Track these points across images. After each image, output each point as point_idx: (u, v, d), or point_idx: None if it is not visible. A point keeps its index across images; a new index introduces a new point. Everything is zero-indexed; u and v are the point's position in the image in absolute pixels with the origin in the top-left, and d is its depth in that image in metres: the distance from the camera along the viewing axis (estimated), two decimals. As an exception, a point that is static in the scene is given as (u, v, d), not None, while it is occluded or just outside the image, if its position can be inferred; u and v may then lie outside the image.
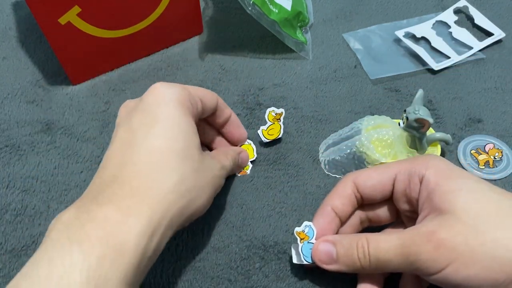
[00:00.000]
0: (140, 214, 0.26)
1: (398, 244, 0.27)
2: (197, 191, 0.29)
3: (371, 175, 0.31)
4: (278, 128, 0.40)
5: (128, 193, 0.27)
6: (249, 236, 0.36)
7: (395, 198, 0.31)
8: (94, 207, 0.26)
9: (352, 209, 0.32)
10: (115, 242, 0.25)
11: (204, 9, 0.53)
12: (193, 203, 0.29)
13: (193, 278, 0.34)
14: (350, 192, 0.32)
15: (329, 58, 0.48)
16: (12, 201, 0.38)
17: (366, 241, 0.28)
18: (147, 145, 0.28)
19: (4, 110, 0.45)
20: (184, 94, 0.31)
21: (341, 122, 0.43)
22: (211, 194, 0.31)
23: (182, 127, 0.29)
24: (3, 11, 0.54)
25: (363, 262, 0.28)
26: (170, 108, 0.29)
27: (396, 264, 0.27)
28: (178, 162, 0.29)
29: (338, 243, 0.30)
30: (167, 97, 0.30)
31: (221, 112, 0.36)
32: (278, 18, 0.44)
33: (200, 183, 0.30)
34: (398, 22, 0.51)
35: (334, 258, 0.30)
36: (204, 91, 0.34)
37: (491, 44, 0.49)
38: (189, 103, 0.31)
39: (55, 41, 0.42)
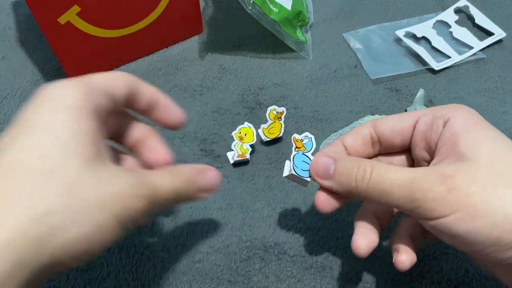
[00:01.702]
0: None
1: (408, 178, 0.25)
2: (68, 216, 0.21)
3: (392, 119, 0.29)
4: (279, 127, 0.40)
5: None
6: (249, 236, 0.36)
7: (413, 143, 0.29)
8: None
9: (364, 150, 0.30)
10: None
11: (204, 9, 0.53)
12: (60, 231, 0.21)
13: (192, 279, 0.34)
14: (366, 131, 0.30)
15: (329, 58, 0.48)
16: (11, 201, 0.38)
17: (371, 166, 0.26)
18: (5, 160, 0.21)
19: (4, 110, 0.44)
20: (78, 91, 0.23)
21: (341, 122, 0.43)
22: (107, 221, 0.22)
23: (61, 134, 0.22)
24: (3, 11, 0.54)
25: (359, 184, 0.26)
26: (49, 111, 0.22)
27: (396, 197, 0.25)
28: (40, 177, 0.21)
29: (340, 161, 0.28)
30: (51, 98, 0.23)
31: (141, 94, 0.27)
32: (278, 17, 0.44)
33: (80, 204, 0.21)
34: (398, 22, 0.51)
35: (330, 173, 0.28)
36: (110, 78, 0.26)
37: (492, 44, 0.48)
38: (85, 102, 0.23)
39: (55, 41, 0.42)
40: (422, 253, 0.34)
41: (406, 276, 0.33)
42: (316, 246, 0.35)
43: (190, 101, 0.44)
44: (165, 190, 0.25)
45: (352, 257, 0.35)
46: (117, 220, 0.22)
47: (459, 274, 0.34)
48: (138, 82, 0.27)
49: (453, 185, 0.24)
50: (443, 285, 0.33)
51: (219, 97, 0.45)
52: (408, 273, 0.34)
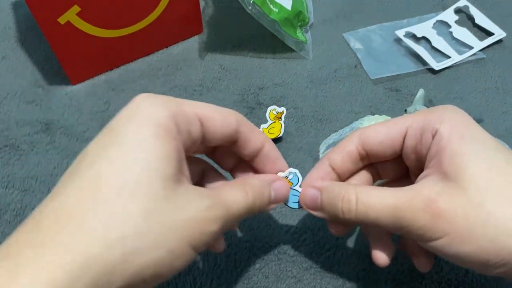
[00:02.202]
0: (35, 270, 0.18)
1: (392, 205, 0.25)
2: (143, 241, 0.20)
3: (379, 130, 0.28)
4: (279, 127, 0.40)
5: (31, 241, 0.19)
6: (249, 236, 0.36)
7: (405, 154, 0.28)
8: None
9: (353, 167, 0.29)
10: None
11: (204, 9, 0.53)
12: (132, 258, 0.20)
13: (192, 279, 0.34)
14: (353, 148, 0.29)
15: (329, 58, 0.48)
16: (11, 201, 0.38)
17: (355, 195, 0.26)
18: (88, 175, 0.21)
19: (4, 110, 0.44)
20: (167, 111, 0.23)
21: (341, 122, 0.43)
22: (181, 246, 0.22)
23: (146, 152, 0.21)
24: (3, 11, 0.54)
25: (347, 215, 0.26)
26: (138, 126, 0.22)
27: (385, 223, 0.25)
28: (119, 198, 0.20)
29: (324, 190, 0.27)
30: (140, 113, 0.23)
31: (246, 141, 0.27)
32: (278, 17, 0.44)
33: (153, 230, 0.21)
34: (398, 22, 0.51)
35: (318, 205, 0.28)
36: (213, 110, 0.25)
37: (492, 44, 0.48)
38: (171, 123, 0.23)
39: (55, 41, 0.42)
40: (422, 253, 0.34)
41: (406, 276, 0.33)
42: (316, 246, 0.35)
43: (190, 101, 0.44)
44: (238, 208, 0.25)
45: (352, 257, 0.35)
46: (190, 245, 0.22)
47: (459, 274, 0.33)
48: (249, 126, 0.27)
49: (437, 211, 0.24)
50: (443, 285, 0.33)
51: (219, 97, 0.45)
52: (408, 273, 0.34)
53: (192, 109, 0.24)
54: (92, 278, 0.19)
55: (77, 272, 0.19)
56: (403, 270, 0.34)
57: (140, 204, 0.21)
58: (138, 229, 0.20)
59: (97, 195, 0.20)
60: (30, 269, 0.18)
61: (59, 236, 0.19)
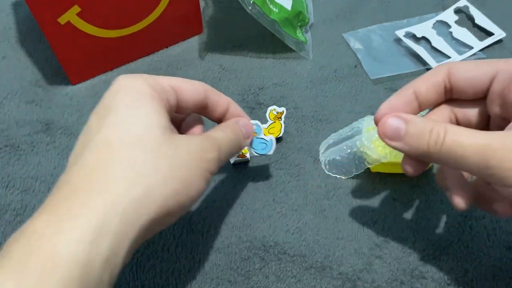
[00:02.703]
0: (75, 215, 0.22)
1: (483, 144, 0.24)
2: (158, 176, 0.24)
3: (468, 68, 0.28)
4: (279, 127, 0.40)
5: (64, 196, 0.23)
6: (249, 236, 0.36)
7: (489, 99, 0.27)
8: (27, 223, 0.22)
9: (436, 98, 0.29)
10: (41, 257, 0.21)
11: (204, 9, 0.53)
12: (156, 190, 0.24)
13: (192, 279, 0.34)
14: (440, 79, 0.28)
15: (329, 58, 0.48)
16: (11, 201, 0.38)
17: (444, 130, 0.25)
18: (98, 139, 0.25)
19: (4, 110, 0.44)
20: (146, 83, 0.27)
21: (341, 122, 0.43)
22: (191, 175, 0.26)
23: (139, 111, 0.26)
24: (3, 11, 0.54)
25: (432, 148, 0.25)
26: (126, 95, 0.26)
27: (470, 162, 0.24)
28: (127, 148, 0.24)
29: (411, 122, 0.27)
30: (125, 87, 0.27)
31: (214, 105, 0.31)
32: (278, 17, 0.44)
33: (164, 165, 0.25)
34: (398, 22, 0.51)
35: (401, 135, 0.27)
36: (183, 81, 0.29)
37: (492, 44, 0.48)
38: (152, 90, 0.27)
39: (55, 41, 0.42)
40: (422, 253, 0.35)
41: (406, 276, 0.33)
42: (316, 246, 0.35)
43: (190, 101, 0.44)
44: (224, 142, 0.29)
45: (352, 257, 0.35)
46: (198, 173, 0.26)
47: (459, 274, 0.34)
48: (214, 91, 0.31)
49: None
50: (443, 285, 0.33)
51: (219, 97, 0.45)
52: (408, 273, 0.34)
53: (166, 81, 0.28)
54: (123, 214, 0.22)
55: (109, 210, 0.22)
56: (403, 269, 0.34)
57: (148, 148, 0.25)
58: (153, 166, 0.24)
59: (112, 149, 0.24)
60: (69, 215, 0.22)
61: (86, 187, 0.23)
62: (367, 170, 0.38)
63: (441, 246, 0.35)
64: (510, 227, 0.36)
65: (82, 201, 0.22)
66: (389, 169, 0.38)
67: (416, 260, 0.34)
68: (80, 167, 0.24)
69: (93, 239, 0.21)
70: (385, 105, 0.29)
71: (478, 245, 0.35)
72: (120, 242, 0.22)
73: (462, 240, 0.35)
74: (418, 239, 0.35)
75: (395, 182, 0.38)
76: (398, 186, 0.38)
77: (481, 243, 0.35)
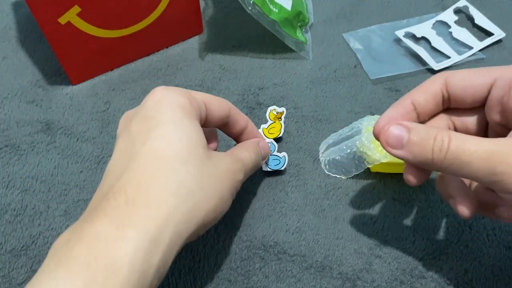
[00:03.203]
0: (135, 225, 0.24)
1: (489, 150, 0.24)
2: (204, 192, 0.27)
3: (466, 76, 0.28)
4: (279, 127, 0.40)
5: (122, 203, 0.24)
6: (249, 236, 0.36)
7: (488, 106, 0.27)
8: (87, 224, 0.24)
9: (434, 109, 0.29)
10: (105, 261, 0.22)
11: (204, 9, 0.53)
12: (201, 206, 0.27)
13: (192, 279, 0.34)
14: (437, 89, 0.28)
15: (329, 58, 0.48)
16: (12, 201, 0.38)
17: (448, 136, 0.25)
18: (146, 150, 0.26)
19: (4, 110, 0.44)
20: (185, 97, 0.29)
21: (341, 122, 0.43)
22: (225, 193, 0.29)
23: (184, 128, 0.28)
24: (3, 11, 0.54)
25: (436, 155, 0.25)
26: (170, 110, 0.28)
27: (475, 169, 0.24)
28: (178, 163, 0.26)
29: (414, 130, 0.26)
30: (167, 100, 0.28)
31: (235, 122, 0.34)
32: (278, 17, 0.44)
33: (207, 183, 0.27)
34: (398, 22, 0.51)
35: (404, 143, 0.26)
36: (212, 98, 0.32)
37: (491, 44, 0.48)
38: (191, 106, 0.29)
39: (55, 41, 0.42)
40: (422, 252, 0.35)
41: (406, 276, 0.34)
42: (316, 246, 0.35)
43: (190, 101, 0.44)
44: (248, 162, 0.32)
45: (352, 256, 0.35)
46: (230, 192, 0.29)
47: (459, 274, 0.34)
48: (236, 110, 0.34)
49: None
50: (443, 285, 0.33)
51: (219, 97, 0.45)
52: (408, 273, 0.34)
53: (200, 97, 0.30)
54: (174, 227, 0.25)
55: (164, 224, 0.24)
56: (403, 269, 0.34)
57: (195, 165, 0.27)
58: (199, 184, 0.27)
59: (163, 163, 0.26)
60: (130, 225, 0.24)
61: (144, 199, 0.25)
62: (367, 170, 0.38)
63: (441, 246, 0.35)
64: (510, 227, 0.36)
65: (141, 212, 0.24)
66: (389, 169, 0.38)
67: (416, 260, 0.34)
68: (134, 176, 0.26)
69: (149, 249, 0.23)
70: (384, 117, 0.28)
71: (478, 245, 0.35)
72: (170, 252, 0.25)
73: (461, 240, 0.35)
74: (418, 239, 0.35)
75: (395, 182, 0.38)
76: (398, 186, 0.38)
77: (481, 243, 0.35)
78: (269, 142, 0.39)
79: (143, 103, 0.29)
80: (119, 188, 0.25)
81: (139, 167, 0.26)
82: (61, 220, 0.37)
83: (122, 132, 0.29)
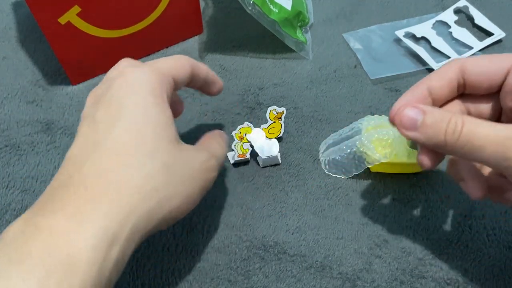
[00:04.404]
0: (94, 221, 0.23)
1: (502, 135, 0.24)
2: (170, 190, 0.26)
3: (482, 62, 0.28)
4: (279, 127, 0.40)
5: (81, 197, 0.23)
6: (249, 236, 0.36)
7: (504, 92, 0.27)
8: (41, 217, 0.23)
9: (449, 94, 0.29)
10: (61, 258, 0.21)
11: (204, 9, 0.53)
12: (165, 204, 0.26)
13: (192, 279, 0.34)
14: (453, 76, 0.28)
15: (329, 58, 0.48)
16: (12, 201, 0.38)
17: (462, 120, 0.25)
18: (110, 141, 0.25)
19: (4, 110, 0.44)
20: (155, 78, 0.27)
21: (341, 122, 0.43)
22: (195, 191, 0.28)
23: (153, 119, 0.26)
24: (3, 11, 0.54)
25: (449, 137, 0.25)
26: (138, 96, 0.26)
27: (487, 154, 0.24)
28: (143, 158, 0.25)
29: (429, 113, 0.26)
30: (136, 84, 0.27)
31: (197, 77, 0.32)
32: (278, 17, 0.44)
33: (175, 180, 0.26)
34: (398, 22, 0.51)
35: (418, 125, 0.27)
36: (175, 62, 0.30)
37: (491, 44, 0.48)
38: (160, 87, 0.27)
39: (55, 41, 0.42)
40: (422, 252, 0.35)
41: (406, 276, 0.34)
42: (316, 246, 0.35)
43: (190, 101, 0.44)
44: (222, 156, 0.31)
45: (352, 256, 0.35)
46: (200, 192, 0.28)
47: (459, 274, 0.34)
48: (196, 64, 0.32)
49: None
50: (443, 284, 0.33)
51: (219, 97, 0.45)
52: (408, 273, 0.34)
53: (166, 69, 0.29)
54: (134, 224, 0.24)
55: (124, 220, 0.24)
56: (403, 269, 0.34)
57: (161, 161, 0.26)
58: (165, 181, 0.25)
59: (129, 156, 0.25)
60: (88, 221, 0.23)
61: (105, 193, 0.24)
62: (367, 170, 0.38)
63: (440, 246, 0.35)
64: (510, 226, 0.36)
65: (100, 208, 0.23)
66: (389, 169, 0.38)
67: (416, 260, 0.34)
68: (96, 168, 0.25)
69: (108, 245, 0.23)
70: (400, 102, 0.29)
71: (478, 244, 0.35)
72: (128, 247, 0.24)
73: (461, 239, 0.35)
74: (418, 239, 0.35)
75: (395, 182, 0.38)
76: (398, 186, 0.38)
77: (481, 243, 0.35)
78: (273, 142, 0.39)
79: (110, 82, 0.27)
80: (79, 180, 0.24)
81: (101, 159, 0.25)
82: (61, 220, 0.37)
83: (86, 116, 0.27)
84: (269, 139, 0.40)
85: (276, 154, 0.39)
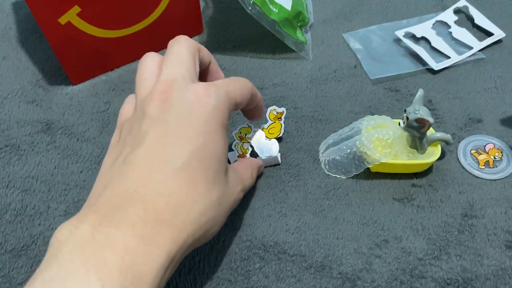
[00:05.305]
0: (162, 245, 0.24)
1: None
2: (216, 221, 0.28)
3: None
4: (279, 127, 0.40)
5: (152, 218, 0.25)
6: (249, 236, 0.36)
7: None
8: (113, 229, 0.24)
9: None
10: (134, 273, 0.23)
11: (204, 9, 0.53)
12: (209, 232, 0.28)
13: (193, 279, 0.34)
14: None
15: (329, 58, 0.48)
16: (12, 201, 0.38)
17: None
18: (179, 163, 0.26)
19: (4, 110, 0.44)
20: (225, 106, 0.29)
21: (341, 122, 0.43)
22: (225, 218, 0.30)
23: (217, 150, 0.28)
24: (3, 11, 0.54)
25: None
26: (210, 126, 0.27)
27: None
28: (206, 189, 0.27)
29: None
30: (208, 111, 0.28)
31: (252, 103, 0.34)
32: (278, 17, 0.44)
33: (221, 213, 0.28)
34: (398, 22, 0.51)
35: None
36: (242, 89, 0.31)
37: (491, 44, 0.49)
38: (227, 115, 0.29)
39: (55, 41, 0.42)
40: (422, 252, 0.35)
41: (406, 276, 0.34)
42: (316, 246, 0.35)
43: (190, 101, 0.44)
44: (248, 186, 0.34)
45: (352, 256, 0.35)
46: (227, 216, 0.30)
47: (459, 274, 0.34)
48: (255, 90, 0.33)
49: None
50: (443, 284, 0.33)
51: (219, 97, 0.45)
52: (408, 273, 0.34)
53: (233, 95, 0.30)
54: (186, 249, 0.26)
55: (181, 246, 0.25)
56: (403, 269, 0.34)
57: (217, 195, 0.28)
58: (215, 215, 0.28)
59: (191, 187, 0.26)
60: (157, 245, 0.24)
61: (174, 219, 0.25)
62: (367, 170, 0.38)
63: (441, 246, 0.35)
64: (510, 226, 0.36)
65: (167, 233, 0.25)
66: (389, 169, 0.38)
67: (416, 260, 0.34)
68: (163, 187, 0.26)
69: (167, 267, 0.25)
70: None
71: (478, 244, 0.35)
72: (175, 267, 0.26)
73: (462, 239, 0.35)
74: (418, 239, 0.35)
75: (395, 182, 0.38)
76: (398, 186, 0.38)
77: (481, 243, 0.35)
78: (272, 142, 0.40)
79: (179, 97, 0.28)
80: (147, 198, 0.25)
81: (169, 181, 0.26)
82: (61, 220, 0.37)
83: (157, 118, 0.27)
84: (269, 139, 0.40)
85: (276, 155, 0.39)
